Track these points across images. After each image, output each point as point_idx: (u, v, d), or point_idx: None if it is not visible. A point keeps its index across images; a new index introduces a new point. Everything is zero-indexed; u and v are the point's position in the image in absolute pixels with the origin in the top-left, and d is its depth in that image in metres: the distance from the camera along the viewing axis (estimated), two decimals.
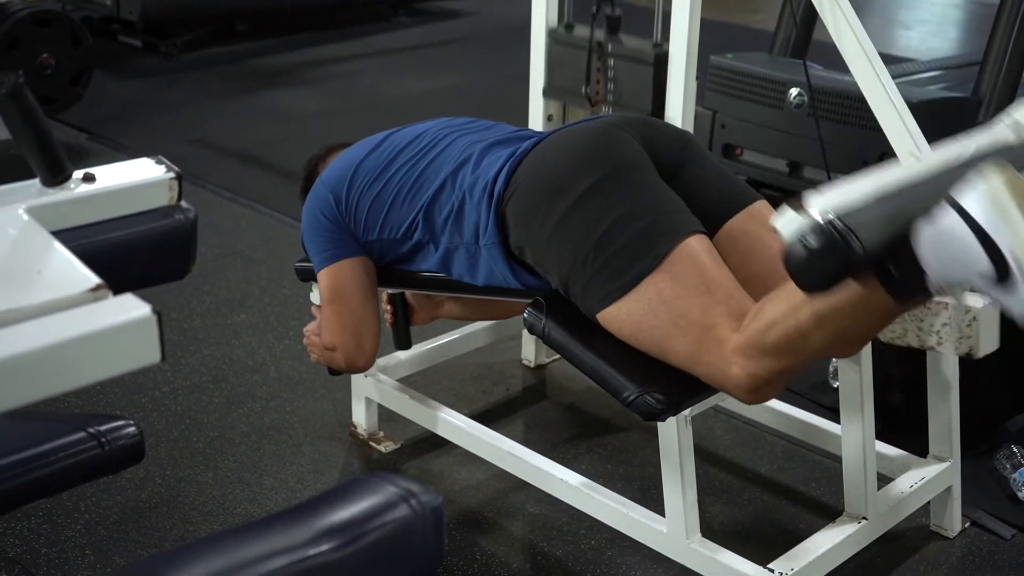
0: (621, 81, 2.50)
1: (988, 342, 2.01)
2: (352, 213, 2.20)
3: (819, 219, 1.56)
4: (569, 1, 2.68)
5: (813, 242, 1.56)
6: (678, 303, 1.80)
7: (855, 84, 2.18)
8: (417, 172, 2.13)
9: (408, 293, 2.47)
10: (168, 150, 4.29)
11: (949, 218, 1.51)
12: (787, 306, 1.72)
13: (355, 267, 2.23)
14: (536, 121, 2.70)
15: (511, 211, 1.97)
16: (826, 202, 1.57)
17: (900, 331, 2.06)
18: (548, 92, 2.66)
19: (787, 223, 1.59)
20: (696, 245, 1.84)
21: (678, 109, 2.38)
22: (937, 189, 1.56)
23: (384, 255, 2.23)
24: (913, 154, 1.97)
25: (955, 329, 1.96)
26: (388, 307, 2.49)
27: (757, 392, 1.80)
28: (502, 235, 2.00)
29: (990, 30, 2.78)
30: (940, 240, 1.52)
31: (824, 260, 1.56)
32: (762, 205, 2.01)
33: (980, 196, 1.49)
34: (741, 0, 6.93)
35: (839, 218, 1.55)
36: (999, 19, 2.75)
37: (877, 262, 1.59)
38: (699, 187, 1.99)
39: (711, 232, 1.93)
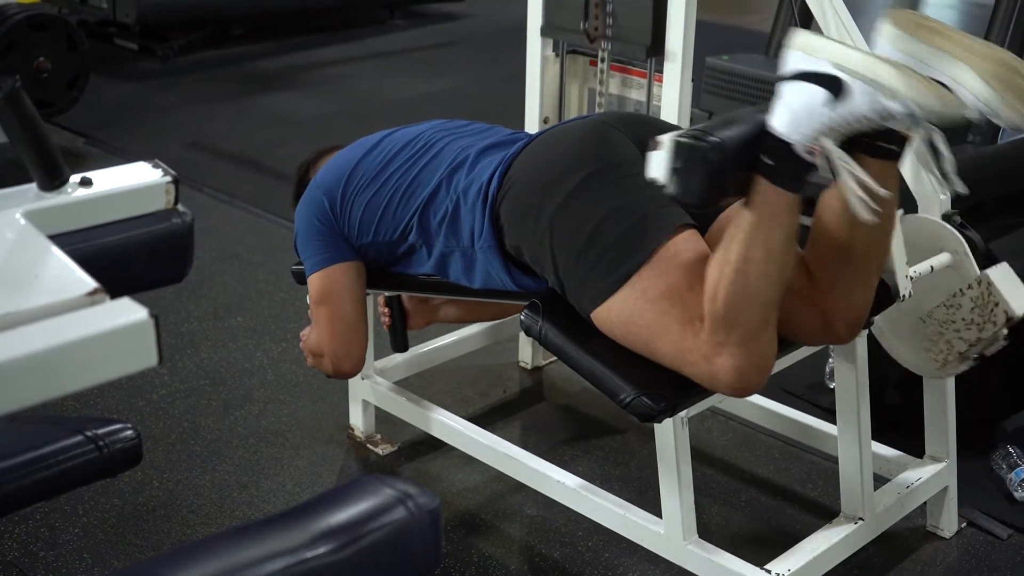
0: (620, 16, 2.47)
1: (1019, 298, 2.04)
2: (347, 216, 2.20)
3: (673, 141, 1.66)
4: None
5: (679, 161, 1.64)
6: (662, 302, 1.79)
7: None
8: (412, 175, 2.13)
9: (405, 297, 2.47)
10: (164, 154, 4.33)
11: (781, 88, 1.64)
12: (715, 263, 1.73)
13: (347, 272, 2.23)
14: (532, 124, 2.70)
15: (505, 211, 1.97)
16: (671, 134, 1.68)
17: (945, 348, 2.10)
18: (546, 31, 2.62)
19: (655, 165, 1.68)
20: (682, 243, 1.82)
21: (674, 110, 2.38)
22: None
23: (378, 258, 2.23)
24: None
25: (981, 306, 2.01)
26: (385, 310, 2.49)
27: (743, 379, 1.75)
28: (497, 237, 1.99)
29: (985, 31, 2.80)
30: (781, 109, 1.63)
31: (694, 168, 1.64)
32: None
33: (792, 56, 1.64)
34: (737, 1, 6.94)
35: (686, 132, 1.66)
36: (994, 20, 2.76)
37: (746, 161, 1.66)
38: None
39: (704, 226, 1.92)
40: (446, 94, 5.43)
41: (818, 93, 1.59)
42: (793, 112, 1.62)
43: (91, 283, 1.08)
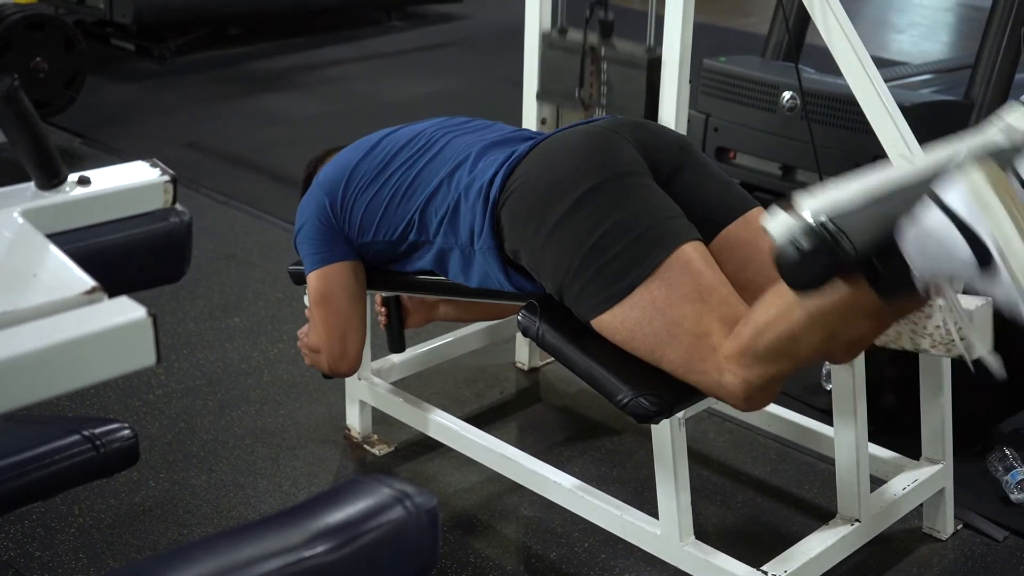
0: (615, 85, 2.51)
1: (981, 344, 2.02)
2: (347, 216, 2.20)
3: (810, 220, 1.57)
4: (562, 5, 2.68)
5: (805, 244, 1.57)
6: (672, 311, 1.80)
7: (848, 87, 2.18)
8: (413, 174, 2.13)
9: (403, 296, 2.47)
10: (162, 154, 4.32)
11: (931, 212, 1.53)
12: (778, 310, 1.73)
13: (345, 271, 2.23)
14: (530, 125, 2.70)
15: (506, 215, 1.97)
16: (817, 204, 1.58)
17: (894, 334, 2.06)
18: (542, 96, 2.67)
19: (778, 225, 1.60)
20: (691, 253, 1.84)
21: (671, 112, 2.38)
22: (924, 189, 1.58)
23: (378, 257, 2.23)
24: (904, 156, 1.98)
25: (948, 332, 1.97)
26: (382, 309, 2.49)
27: (751, 400, 1.80)
28: (497, 239, 1.99)
29: (982, 33, 2.80)
30: (923, 234, 1.54)
31: (815, 261, 1.57)
32: (760, 212, 2.00)
33: (960, 190, 1.51)
34: (734, 3, 6.94)
35: (830, 219, 1.56)
36: (991, 22, 2.76)
37: (865, 261, 1.60)
38: (696, 193, 1.98)
39: (708, 239, 1.93)
40: (444, 95, 5.43)
41: (966, 251, 1.50)
42: (933, 250, 1.54)
43: (89, 282, 1.08)
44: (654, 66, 2.42)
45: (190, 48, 5.93)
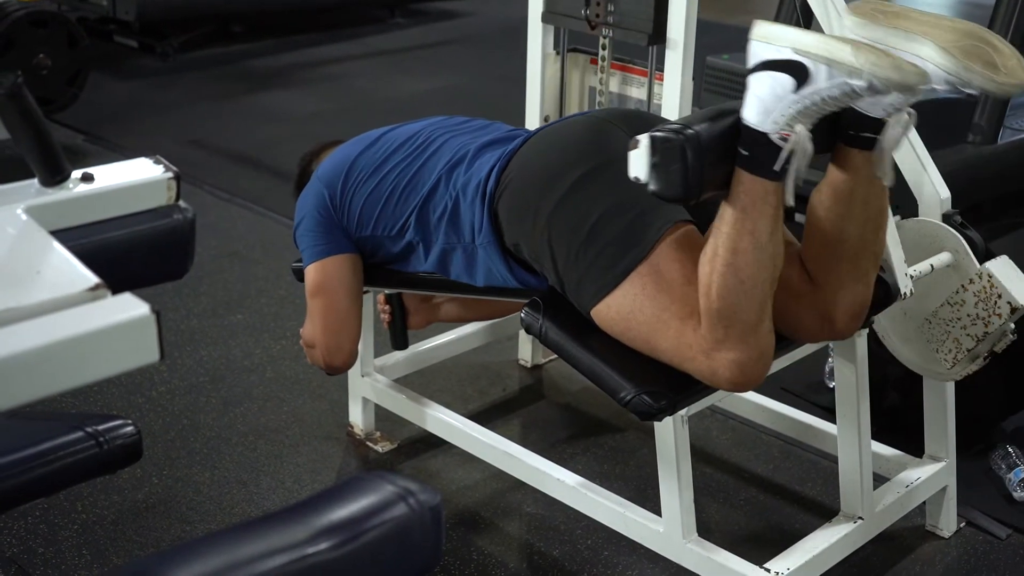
0: (621, 2, 2.47)
1: (1021, 288, 2.04)
2: (346, 208, 2.21)
3: (649, 137, 1.69)
4: None
5: (656, 157, 1.67)
6: (660, 297, 1.79)
7: None
8: (412, 171, 2.13)
9: (405, 295, 2.46)
10: (164, 151, 4.27)
11: (748, 81, 1.68)
12: (705, 259, 1.74)
13: (343, 264, 2.23)
14: (533, 121, 2.69)
15: (503, 208, 1.97)
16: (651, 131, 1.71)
17: (953, 347, 2.10)
18: (547, 17, 2.60)
19: (634, 163, 1.70)
20: (681, 236, 1.83)
21: (674, 110, 2.37)
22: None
23: (376, 251, 2.23)
24: None
25: (984, 299, 2.03)
26: (385, 307, 2.48)
27: (744, 374, 1.75)
28: (497, 233, 1.99)
29: None
30: (751, 100, 1.66)
31: (672, 161, 1.67)
32: None
33: (755, 47, 1.67)
34: (738, 1, 6.93)
35: (662, 127, 1.69)
36: (994, 20, 2.76)
37: (725, 154, 1.69)
38: None
39: (702, 223, 1.91)
40: (446, 92, 5.42)
41: (783, 80, 1.63)
42: (762, 101, 1.65)
43: (93, 278, 1.08)
44: None
45: (193, 45, 5.93)
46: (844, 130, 1.78)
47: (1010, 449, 2.45)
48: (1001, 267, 2.06)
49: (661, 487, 2.02)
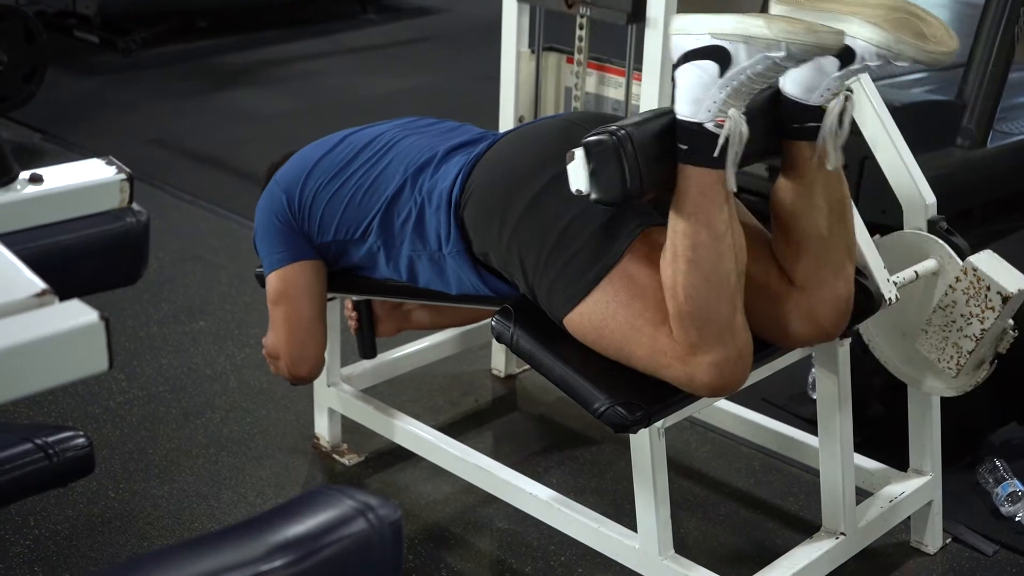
0: None
1: (1009, 277, 2.03)
2: (306, 213, 2.16)
3: (582, 145, 1.69)
4: None
5: (592, 163, 1.67)
6: (634, 303, 1.77)
7: None
8: (375, 173, 2.10)
9: (375, 303, 2.41)
10: (126, 150, 4.25)
11: (675, 76, 1.70)
12: (666, 262, 1.73)
13: (305, 271, 2.18)
14: (507, 122, 2.67)
15: (469, 217, 1.94)
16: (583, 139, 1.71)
17: (954, 352, 2.07)
18: None
19: (573, 176, 1.70)
20: (654, 241, 1.80)
21: (653, 99, 2.34)
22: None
23: (339, 258, 2.19)
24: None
25: (974, 295, 2.02)
26: (353, 314, 2.43)
27: (723, 376, 1.73)
28: (465, 242, 1.96)
29: (975, 29, 2.77)
30: (680, 93, 1.68)
31: (607, 164, 1.67)
32: None
33: (675, 42, 1.69)
34: (723, 2, 6.94)
35: (594, 132, 1.69)
36: (984, 21, 2.74)
37: (665, 152, 1.69)
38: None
39: None
40: (420, 91, 5.40)
41: (707, 66, 1.64)
42: (691, 92, 1.66)
43: (39, 284, 1.05)
44: None
45: (156, 41, 5.88)
46: (787, 124, 1.80)
47: (997, 463, 2.44)
48: (986, 259, 2.04)
49: (637, 502, 1.99)
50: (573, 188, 1.70)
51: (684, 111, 1.67)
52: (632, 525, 2.04)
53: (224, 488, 2.46)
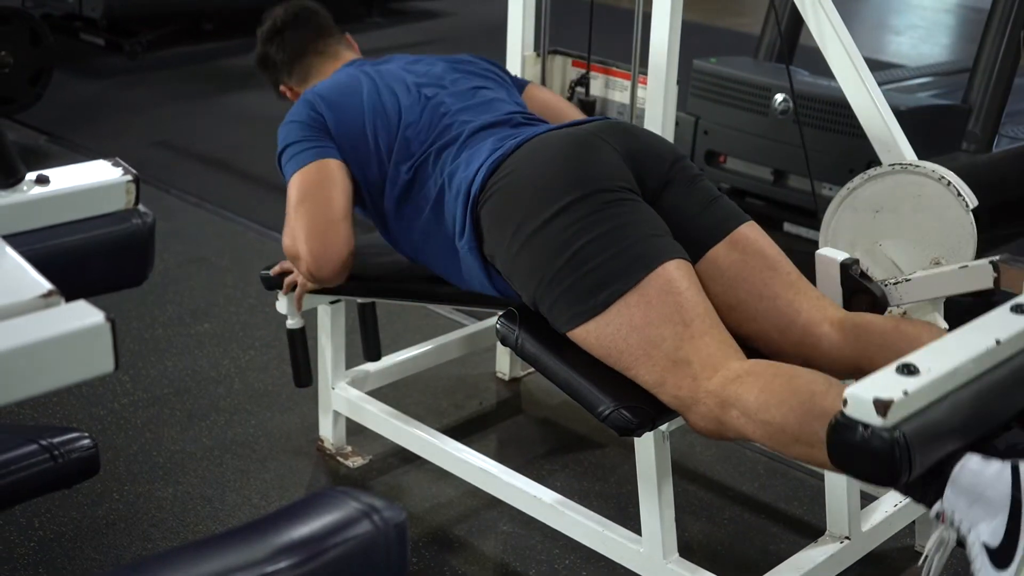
0: None
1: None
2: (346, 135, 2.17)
3: (889, 426, 1.41)
4: None
5: (874, 442, 1.41)
6: (649, 331, 1.77)
7: (841, 90, 2.15)
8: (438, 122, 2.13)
9: None
10: (131, 153, 4.24)
11: (1000, 479, 1.47)
12: (778, 402, 1.66)
13: (337, 166, 2.14)
14: None
15: (485, 216, 1.94)
16: (901, 408, 1.41)
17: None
18: None
19: (857, 402, 1.42)
20: (674, 272, 1.80)
21: (659, 114, 2.35)
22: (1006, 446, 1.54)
23: (367, 181, 2.17)
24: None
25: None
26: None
27: (720, 434, 1.77)
28: (477, 239, 1.97)
29: (980, 35, 2.76)
30: (976, 485, 1.48)
31: (870, 461, 1.43)
32: (749, 228, 1.95)
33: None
34: (726, 3, 6.94)
35: (905, 437, 1.41)
36: (989, 25, 2.74)
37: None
38: (684, 210, 1.94)
39: (695, 257, 1.89)
40: None
41: (997, 536, 1.47)
42: (971, 504, 1.49)
43: (46, 285, 1.05)
44: None
45: (162, 44, 5.89)
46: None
47: None
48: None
49: (641, 505, 1.99)
50: (848, 410, 1.43)
51: (950, 495, 1.49)
52: (636, 529, 2.04)
53: (228, 490, 2.45)
